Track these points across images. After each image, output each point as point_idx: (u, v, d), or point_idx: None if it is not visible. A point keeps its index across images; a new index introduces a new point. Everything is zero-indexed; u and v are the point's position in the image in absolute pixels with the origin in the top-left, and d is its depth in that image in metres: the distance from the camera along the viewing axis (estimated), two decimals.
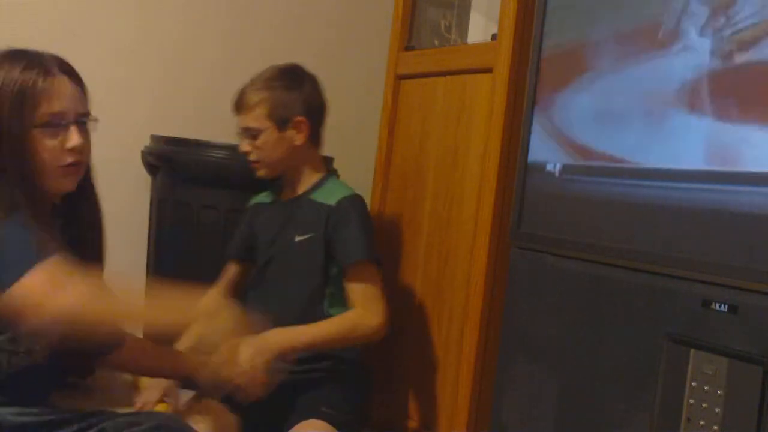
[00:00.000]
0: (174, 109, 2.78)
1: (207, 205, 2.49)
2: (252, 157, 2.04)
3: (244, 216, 2.18)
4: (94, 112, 1.63)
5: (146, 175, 2.67)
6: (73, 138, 1.53)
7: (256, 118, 2.00)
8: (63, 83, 1.54)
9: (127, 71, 2.73)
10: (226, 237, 2.49)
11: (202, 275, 2.51)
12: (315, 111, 2.06)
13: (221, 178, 2.48)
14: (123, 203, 2.73)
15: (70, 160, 1.53)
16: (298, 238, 2.01)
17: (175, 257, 2.57)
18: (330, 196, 2.03)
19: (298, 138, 2.02)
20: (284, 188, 2.11)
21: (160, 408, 2.24)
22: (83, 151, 1.55)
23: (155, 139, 2.65)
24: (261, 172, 2.06)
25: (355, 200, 2.03)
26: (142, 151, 2.65)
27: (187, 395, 1.95)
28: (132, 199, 2.73)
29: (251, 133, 2.01)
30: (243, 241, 2.15)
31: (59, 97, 1.53)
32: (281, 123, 2.00)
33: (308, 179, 2.06)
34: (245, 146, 2.04)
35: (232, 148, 2.50)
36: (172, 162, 2.53)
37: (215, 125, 2.78)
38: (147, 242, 2.68)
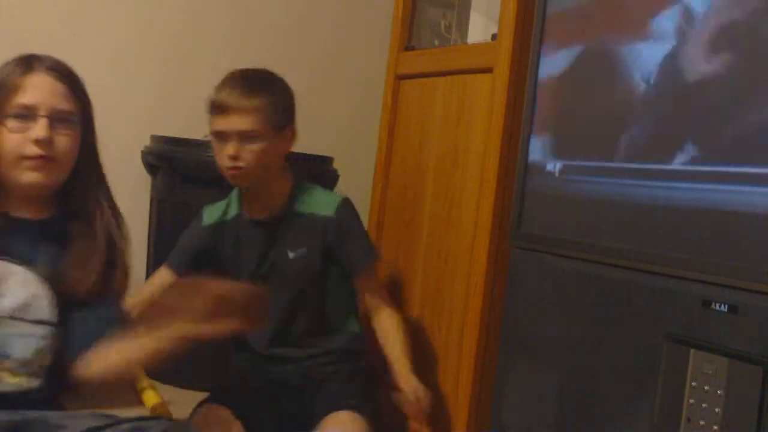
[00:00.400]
0: (174, 109, 2.78)
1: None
2: (239, 163, 1.88)
3: (202, 232, 2.03)
4: (94, 112, 1.62)
5: (146, 175, 2.68)
6: (39, 129, 1.49)
7: (256, 122, 1.86)
8: (42, 78, 1.53)
9: (127, 71, 2.73)
10: None
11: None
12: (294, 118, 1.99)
13: (221, 178, 2.48)
14: (123, 203, 2.73)
15: (34, 150, 1.49)
16: (291, 255, 1.93)
17: None
18: (320, 205, 1.95)
19: (288, 146, 1.95)
20: (250, 202, 1.98)
21: (150, 398, 2.23)
22: (51, 144, 1.50)
23: (155, 139, 2.65)
24: (241, 181, 1.92)
25: (349, 205, 1.98)
26: (142, 151, 2.65)
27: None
28: (132, 199, 2.72)
29: (246, 137, 1.86)
30: (195, 256, 2.03)
31: (33, 90, 1.51)
32: (278, 129, 1.90)
33: (282, 190, 1.96)
34: (232, 149, 1.86)
35: None
36: (172, 162, 2.53)
37: None
38: (147, 242, 2.68)
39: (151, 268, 2.64)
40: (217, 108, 1.90)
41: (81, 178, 1.58)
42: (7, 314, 1.49)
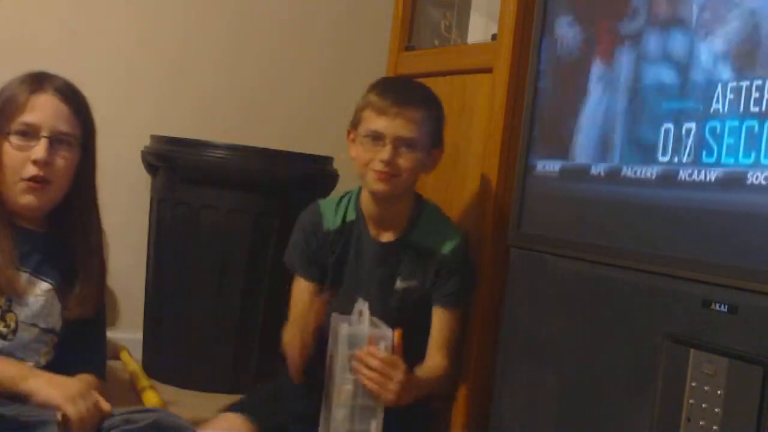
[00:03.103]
0: (174, 109, 2.79)
1: (207, 205, 2.49)
2: (390, 168, 1.80)
3: (326, 237, 1.91)
4: (94, 113, 1.64)
5: (146, 175, 2.68)
6: (39, 150, 1.53)
7: (419, 131, 1.81)
8: (48, 99, 1.56)
9: (127, 71, 2.74)
10: (226, 237, 2.50)
11: (202, 275, 2.52)
12: None
13: (221, 178, 2.48)
14: (123, 203, 2.74)
15: (32, 172, 1.54)
16: (399, 285, 1.87)
17: (175, 257, 2.57)
18: (439, 240, 1.88)
19: (432, 167, 1.90)
20: (375, 218, 1.89)
21: (150, 398, 2.24)
22: (49, 166, 1.55)
23: (155, 139, 2.65)
24: (388, 187, 1.82)
25: (465, 245, 1.91)
26: (142, 151, 2.66)
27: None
28: (132, 199, 2.73)
29: (406, 143, 1.80)
30: (321, 267, 1.92)
31: (38, 110, 1.55)
32: (430, 147, 1.86)
33: (405, 210, 1.89)
34: (389, 154, 1.78)
35: (232, 148, 2.51)
36: (172, 162, 2.53)
37: (215, 125, 2.79)
38: (147, 242, 2.68)
39: (151, 268, 2.65)
40: (380, 108, 1.81)
41: (77, 200, 1.62)
42: (29, 321, 1.56)
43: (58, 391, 1.45)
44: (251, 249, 2.47)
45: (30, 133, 1.54)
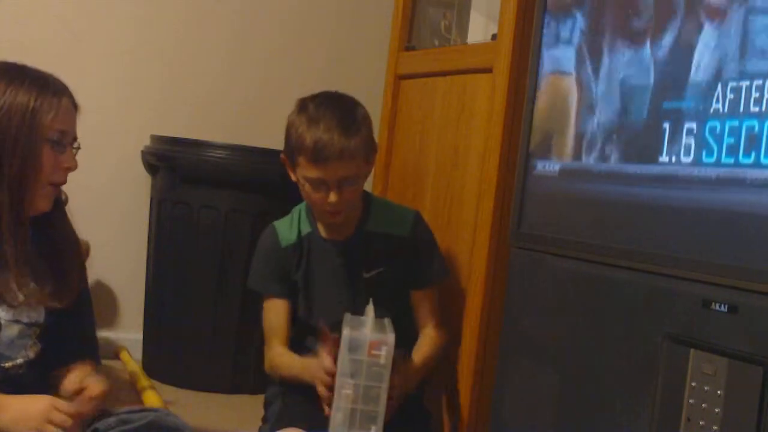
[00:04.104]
0: (174, 109, 2.79)
1: (207, 205, 2.50)
2: (341, 207, 1.81)
3: (284, 253, 1.92)
4: (94, 113, 1.65)
5: (146, 175, 2.68)
6: (72, 159, 1.56)
7: (359, 165, 1.81)
8: (68, 104, 1.58)
9: (127, 71, 2.74)
10: (226, 237, 2.50)
11: (202, 275, 2.52)
12: None
13: (221, 178, 2.49)
14: (123, 203, 2.74)
15: (62, 179, 1.56)
16: (366, 275, 1.90)
17: (175, 257, 2.57)
18: (393, 223, 1.93)
19: (370, 173, 1.91)
20: (326, 224, 1.91)
21: (150, 398, 2.24)
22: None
23: (155, 139, 2.65)
24: (340, 218, 1.85)
25: (421, 221, 1.97)
26: (142, 151, 2.66)
27: None
28: (132, 199, 2.74)
29: (348, 181, 1.80)
30: (289, 284, 1.93)
31: (65, 115, 1.56)
32: (371, 160, 1.87)
33: (356, 211, 1.91)
34: (336, 197, 1.78)
35: (232, 148, 2.52)
36: (172, 162, 2.53)
37: (215, 125, 2.79)
38: (147, 242, 2.69)
39: (151, 268, 2.65)
40: (319, 160, 1.77)
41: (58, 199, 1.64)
42: (12, 318, 1.56)
43: (21, 425, 1.44)
44: (251, 249, 2.47)
45: (62, 139, 1.55)
